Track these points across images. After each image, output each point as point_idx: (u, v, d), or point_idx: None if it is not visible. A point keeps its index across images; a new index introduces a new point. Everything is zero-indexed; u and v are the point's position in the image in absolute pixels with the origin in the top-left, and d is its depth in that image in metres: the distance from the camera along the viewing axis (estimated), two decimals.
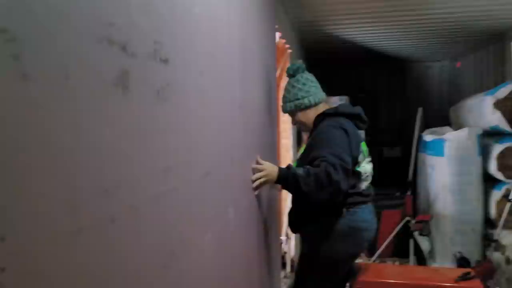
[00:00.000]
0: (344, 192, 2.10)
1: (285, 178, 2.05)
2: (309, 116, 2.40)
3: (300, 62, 2.49)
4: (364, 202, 2.31)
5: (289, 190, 2.25)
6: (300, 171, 2.01)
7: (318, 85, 2.48)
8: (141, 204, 0.94)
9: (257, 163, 2.09)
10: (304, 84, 2.41)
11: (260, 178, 2.03)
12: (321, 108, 2.41)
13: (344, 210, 2.24)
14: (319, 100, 2.42)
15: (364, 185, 2.33)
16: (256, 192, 2.11)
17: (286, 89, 2.49)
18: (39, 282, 0.62)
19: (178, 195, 1.15)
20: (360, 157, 2.29)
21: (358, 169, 2.28)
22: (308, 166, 2.05)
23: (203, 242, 1.35)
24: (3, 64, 0.57)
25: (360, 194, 2.30)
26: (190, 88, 1.27)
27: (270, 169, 2.08)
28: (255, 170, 2.05)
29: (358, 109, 2.42)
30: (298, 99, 2.39)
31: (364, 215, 2.30)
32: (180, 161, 1.17)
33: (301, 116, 2.43)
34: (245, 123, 1.99)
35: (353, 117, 2.36)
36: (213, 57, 1.51)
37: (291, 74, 2.46)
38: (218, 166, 1.54)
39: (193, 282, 1.24)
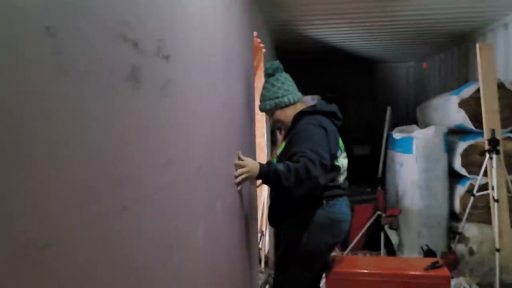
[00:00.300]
0: (323, 186, 2.19)
1: (267, 174, 2.11)
2: (288, 114, 2.47)
3: (278, 62, 2.57)
4: (341, 195, 2.40)
5: (270, 185, 2.34)
6: (281, 166, 2.08)
7: (295, 85, 2.58)
8: (147, 194, 0.99)
9: (239, 159, 2.16)
10: (283, 83, 2.48)
11: (242, 174, 2.10)
12: (299, 106, 2.49)
13: (324, 202, 2.31)
14: (298, 98, 2.50)
15: (341, 178, 2.42)
16: (239, 188, 2.18)
17: (265, 88, 2.54)
18: (72, 256, 0.67)
19: (176, 187, 1.20)
20: (338, 153, 2.38)
21: (336, 163, 2.36)
22: (288, 162, 2.12)
23: (196, 234, 1.41)
24: (46, 58, 0.63)
25: (339, 187, 2.38)
26: (187, 85, 1.32)
27: (252, 165, 2.14)
28: (237, 166, 2.12)
29: (333, 107, 2.51)
30: (278, 97, 2.46)
31: (342, 207, 2.38)
32: (178, 155, 1.23)
33: (279, 114, 2.49)
34: (228, 121, 2.05)
35: (329, 115, 2.44)
36: (204, 55, 1.57)
37: (270, 74, 2.53)
38: (209, 161, 1.60)
39: (186, 272, 1.30)
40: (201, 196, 1.48)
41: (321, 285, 2.70)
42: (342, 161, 2.43)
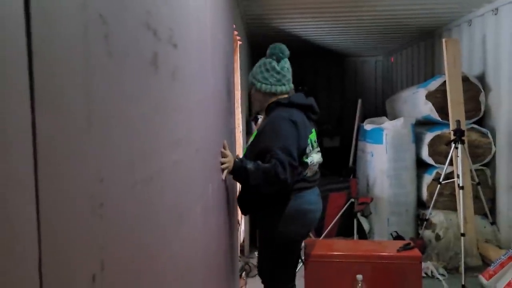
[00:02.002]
0: (282, 189, 2.29)
1: (238, 170, 2.21)
2: (266, 100, 2.50)
3: (284, 47, 2.54)
4: (309, 187, 2.47)
5: (239, 181, 2.42)
6: (251, 165, 2.19)
7: (290, 76, 2.59)
8: (166, 168, 1.09)
9: (224, 148, 2.24)
10: (278, 72, 2.49)
11: (225, 163, 2.18)
12: (272, 97, 2.50)
13: (292, 195, 2.39)
14: (285, 90, 2.52)
15: (309, 172, 2.47)
16: (223, 177, 2.26)
17: (264, 68, 2.51)
18: (120, 214, 0.77)
19: (183, 165, 1.30)
20: (308, 149, 2.43)
21: (306, 160, 2.42)
22: (259, 162, 2.22)
23: (196, 211, 1.51)
24: (100, 40, 0.71)
25: (306, 180, 2.44)
26: (188, 72, 1.42)
27: (231, 158, 2.22)
28: (223, 155, 2.20)
29: (310, 100, 2.53)
30: (268, 83, 2.46)
31: (310, 198, 2.46)
32: (184, 135, 1.33)
33: (259, 95, 2.51)
34: (216, 110, 2.14)
35: (306, 108, 2.48)
36: (199, 45, 1.66)
37: (278, 57, 2.50)
38: (203, 145, 1.69)
39: (191, 243, 1.40)
40: (199, 177, 1.58)
41: (297, 269, 2.83)
42: (313, 156, 2.49)
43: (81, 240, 0.63)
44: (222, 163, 2.17)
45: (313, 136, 2.53)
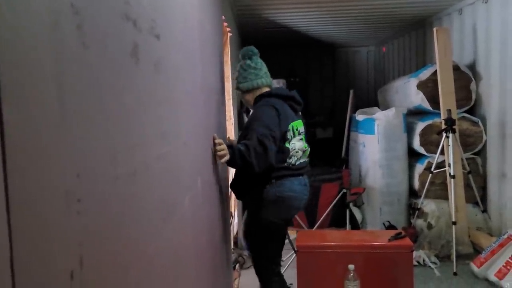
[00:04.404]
0: (273, 162, 2.46)
1: (233, 156, 2.34)
2: (255, 96, 2.72)
3: (254, 48, 2.76)
4: (292, 175, 2.61)
5: (237, 164, 2.46)
6: (242, 147, 2.36)
7: (267, 70, 2.81)
8: (151, 161, 1.07)
9: (215, 139, 2.31)
10: (255, 68, 2.72)
11: (223, 150, 2.28)
12: (264, 90, 2.72)
13: (273, 181, 2.57)
14: (266, 83, 2.74)
15: (293, 160, 2.62)
16: (221, 161, 2.32)
17: (241, 69, 2.75)
18: (101, 209, 0.76)
19: (170, 158, 1.29)
20: (289, 135, 2.59)
21: (287, 145, 2.58)
22: (245, 141, 2.40)
23: (184, 204, 1.50)
24: (71, 33, 0.69)
25: (289, 168, 2.60)
26: (172, 64, 1.39)
27: (225, 150, 2.31)
28: (217, 145, 2.29)
29: (293, 92, 2.74)
30: (249, 80, 2.70)
31: (292, 186, 2.61)
32: (170, 128, 1.31)
33: (247, 95, 2.75)
34: (205, 102, 2.12)
35: (288, 99, 2.67)
36: (185, 37, 1.64)
37: (248, 57, 2.74)
38: (191, 138, 1.68)
39: (180, 235, 1.39)
40: (187, 170, 1.56)
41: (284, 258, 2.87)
42: (295, 144, 2.63)
43: (57, 237, 0.62)
44: (219, 151, 2.27)
45: (296, 124, 2.67)
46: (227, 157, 2.29)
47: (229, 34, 4.53)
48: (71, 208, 0.66)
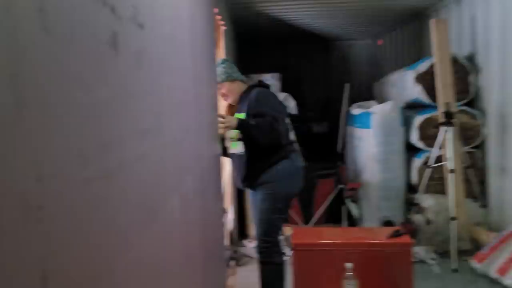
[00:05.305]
0: (284, 142, 2.85)
1: (241, 125, 2.69)
2: (235, 87, 3.04)
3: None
4: (294, 150, 3.02)
5: (246, 133, 2.78)
6: (252, 121, 2.70)
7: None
8: (129, 161, 0.99)
9: (220, 116, 2.73)
10: (231, 67, 3.12)
11: (224, 123, 2.67)
12: (242, 86, 3.06)
13: (288, 155, 2.87)
14: (242, 79, 3.12)
15: (291, 136, 3.05)
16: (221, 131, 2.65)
17: (217, 69, 3.07)
18: (69, 215, 0.67)
19: (153, 156, 1.20)
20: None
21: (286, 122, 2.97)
22: (256, 118, 2.71)
23: (172, 204, 1.41)
24: (31, 15, 0.60)
25: (291, 143, 3.01)
26: (158, 55, 1.30)
27: (230, 119, 2.72)
28: (221, 117, 2.71)
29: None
30: (228, 73, 3.05)
31: (298, 158, 3.02)
32: (153, 124, 1.22)
33: (229, 86, 3.04)
34: (196, 96, 2.04)
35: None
36: (174, 27, 1.55)
37: (220, 62, 3.18)
38: (179, 134, 1.59)
39: (167, 238, 1.30)
40: (175, 168, 1.48)
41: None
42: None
43: (12, 250, 0.53)
44: (221, 123, 2.67)
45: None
46: (229, 127, 2.67)
47: (223, 27, 4.44)
48: (29, 217, 0.57)
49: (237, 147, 2.90)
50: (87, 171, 0.76)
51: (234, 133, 2.82)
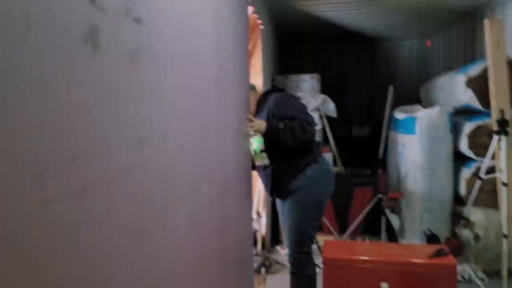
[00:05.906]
0: (313, 146, 2.73)
1: (270, 129, 2.57)
2: (251, 97, 2.87)
3: None
4: (321, 153, 2.88)
5: (275, 138, 2.61)
6: (281, 125, 2.56)
7: None
8: (114, 174, 0.85)
9: (249, 119, 2.58)
10: None
11: (252, 127, 2.55)
12: (255, 93, 2.92)
13: (319, 159, 2.74)
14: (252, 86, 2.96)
15: (316, 138, 2.93)
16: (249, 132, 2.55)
17: None
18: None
19: (153, 168, 1.06)
20: None
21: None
22: (286, 121, 2.58)
23: (178, 216, 1.27)
24: None
25: (319, 146, 2.90)
26: (164, 52, 1.16)
27: (259, 122, 2.60)
28: (249, 121, 2.58)
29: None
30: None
31: (328, 162, 2.94)
32: (154, 132, 1.08)
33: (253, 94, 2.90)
34: (219, 97, 1.89)
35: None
36: (185, 21, 1.40)
37: None
38: (192, 139, 1.45)
39: (167, 256, 1.16)
40: (183, 177, 1.33)
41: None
42: None
43: None
44: (250, 126, 2.55)
45: None
46: (259, 131, 2.55)
47: (261, 27, 4.30)
48: None
49: (262, 159, 2.74)
50: (44, 191, 0.62)
51: (258, 145, 2.68)
